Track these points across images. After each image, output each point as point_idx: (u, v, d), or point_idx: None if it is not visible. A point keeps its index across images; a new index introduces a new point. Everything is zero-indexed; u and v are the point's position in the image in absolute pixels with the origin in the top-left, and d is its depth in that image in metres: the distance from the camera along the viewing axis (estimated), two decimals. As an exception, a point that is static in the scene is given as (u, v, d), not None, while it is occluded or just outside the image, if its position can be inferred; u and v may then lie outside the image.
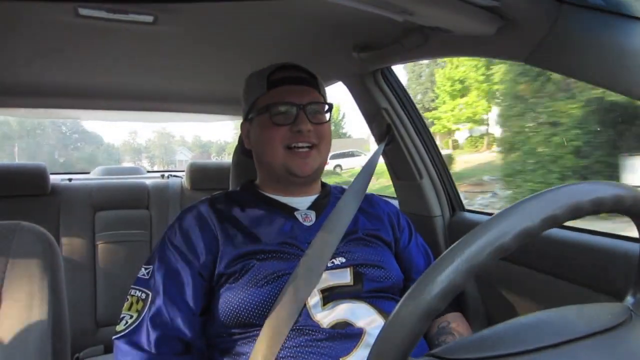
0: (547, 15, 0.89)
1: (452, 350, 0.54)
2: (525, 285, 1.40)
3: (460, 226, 1.77)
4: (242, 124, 1.31)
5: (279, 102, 1.17)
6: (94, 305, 2.23)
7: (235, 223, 1.15)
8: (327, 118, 1.22)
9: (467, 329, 1.15)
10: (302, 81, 1.21)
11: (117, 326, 1.05)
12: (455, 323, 1.16)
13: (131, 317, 1.05)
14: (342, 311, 1.04)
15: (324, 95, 1.25)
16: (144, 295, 1.07)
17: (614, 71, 0.82)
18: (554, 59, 0.94)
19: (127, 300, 1.09)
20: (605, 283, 1.15)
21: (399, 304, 0.52)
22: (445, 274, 0.50)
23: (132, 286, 1.11)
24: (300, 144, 1.15)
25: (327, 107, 1.23)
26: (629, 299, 0.65)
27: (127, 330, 1.03)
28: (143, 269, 1.12)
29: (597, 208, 0.53)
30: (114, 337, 1.04)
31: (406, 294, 0.52)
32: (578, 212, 0.51)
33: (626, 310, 0.60)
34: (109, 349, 2.16)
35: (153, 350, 1.01)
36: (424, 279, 0.51)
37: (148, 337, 1.02)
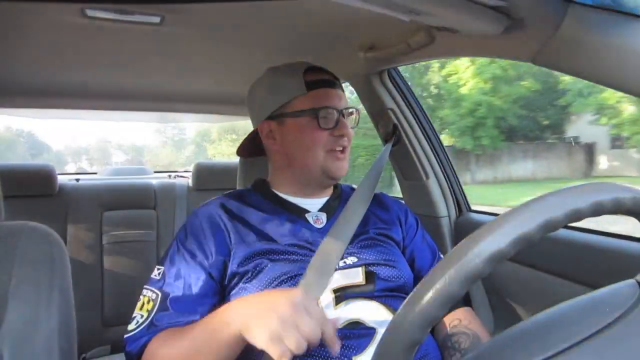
0: (554, 15, 0.88)
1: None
2: (531, 285, 1.40)
3: (466, 227, 1.76)
4: (264, 123, 1.24)
5: (323, 106, 1.17)
6: (100, 305, 2.24)
7: (247, 222, 1.15)
8: (356, 121, 1.26)
9: (480, 326, 1.14)
10: (336, 84, 1.23)
11: (129, 325, 1.06)
12: (467, 320, 1.15)
13: (142, 316, 1.05)
14: (355, 311, 1.04)
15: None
16: (154, 296, 1.07)
17: (621, 71, 0.82)
18: (561, 59, 0.94)
19: (140, 299, 1.10)
20: (611, 284, 1.14)
21: (402, 305, 0.52)
22: (444, 280, 0.49)
23: (144, 286, 1.11)
24: (338, 148, 1.18)
25: (354, 111, 1.25)
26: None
27: (137, 330, 1.04)
28: (155, 270, 1.13)
29: (597, 211, 0.52)
30: (125, 335, 1.05)
31: (410, 295, 0.52)
32: (576, 216, 0.51)
33: (636, 287, 0.59)
34: (115, 349, 2.17)
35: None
36: (426, 282, 0.51)
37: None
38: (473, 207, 1.86)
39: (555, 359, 0.50)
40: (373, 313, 1.05)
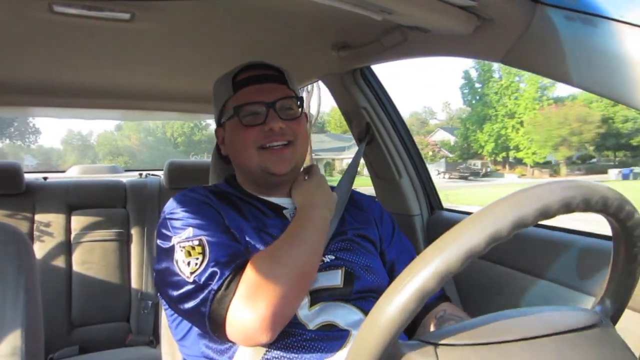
0: (522, 15, 0.90)
1: (438, 336, 0.56)
2: (503, 283, 1.42)
3: (438, 225, 1.78)
4: (216, 131, 1.27)
5: (246, 102, 1.13)
6: (68, 306, 2.20)
7: (229, 216, 1.10)
8: (300, 112, 1.18)
9: (464, 313, 1.15)
10: (268, 79, 1.17)
11: (186, 270, 0.95)
12: (452, 309, 1.15)
13: (197, 258, 0.96)
14: (329, 313, 1.03)
15: (294, 90, 1.20)
16: (196, 242, 0.98)
17: (586, 71, 0.84)
18: (530, 59, 0.95)
19: (179, 252, 0.98)
20: (579, 280, 1.17)
21: (377, 302, 0.52)
22: (420, 276, 0.50)
23: (176, 244, 1.00)
24: (274, 144, 1.12)
25: (298, 101, 1.19)
26: (597, 307, 0.67)
27: (203, 266, 0.94)
28: (165, 242, 1.02)
29: (567, 209, 0.53)
30: (193, 275, 0.94)
31: (382, 297, 0.53)
32: (546, 214, 0.52)
33: (595, 315, 0.62)
34: (83, 349, 2.13)
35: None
36: (398, 282, 0.52)
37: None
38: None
39: (500, 345, 0.54)
40: (347, 316, 1.04)
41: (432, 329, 1.14)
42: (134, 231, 2.42)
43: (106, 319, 2.28)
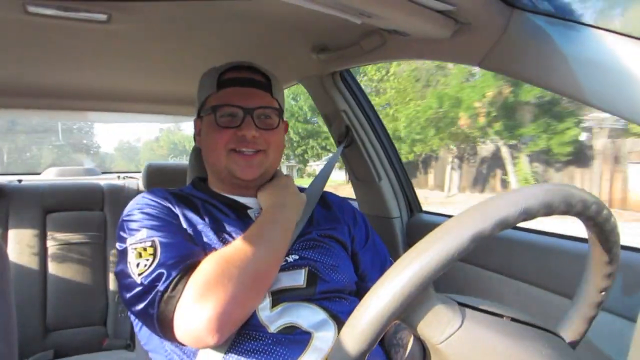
0: (499, 20, 0.91)
1: (465, 299, 0.59)
2: (478, 284, 1.43)
3: (418, 227, 1.79)
4: (195, 120, 1.26)
5: (225, 104, 1.12)
6: (43, 309, 2.16)
7: (188, 218, 1.09)
8: (277, 123, 1.17)
9: None
10: (253, 83, 1.16)
11: (136, 270, 0.94)
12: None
13: (147, 259, 0.94)
14: (291, 314, 1.01)
15: (278, 99, 1.20)
16: (148, 243, 0.97)
17: (561, 76, 0.85)
18: (506, 63, 0.96)
19: (131, 254, 0.97)
20: (555, 282, 1.18)
21: (355, 310, 0.52)
22: (402, 277, 0.50)
23: (129, 245, 1.00)
24: (244, 150, 1.12)
25: (278, 112, 1.18)
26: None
27: (152, 267, 0.93)
28: (122, 244, 1.02)
29: (548, 211, 0.54)
30: (140, 275, 0.93)
31: (364, 299, 0.52)
32: (529, 215, 0.53)
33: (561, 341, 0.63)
34: (59, 354, 2.10)
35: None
36: (381, 283, 0.52)
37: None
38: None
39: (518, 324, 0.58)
40: (310, 317, 1.02)
41: (387, 336, 1.13)
42: (111, 234, 2.39)
43: (82, 323, 2.24)
